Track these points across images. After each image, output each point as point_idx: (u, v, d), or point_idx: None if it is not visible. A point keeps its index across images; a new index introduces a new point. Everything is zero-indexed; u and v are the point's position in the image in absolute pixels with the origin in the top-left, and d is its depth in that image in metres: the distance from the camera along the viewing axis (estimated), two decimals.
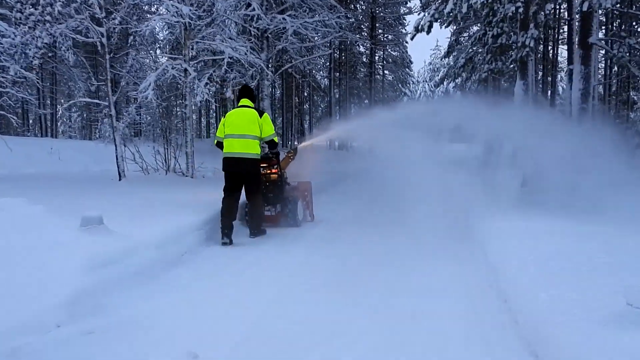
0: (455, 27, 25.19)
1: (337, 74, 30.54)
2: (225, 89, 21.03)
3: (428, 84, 62.47)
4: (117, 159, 10.99)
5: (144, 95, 10.73)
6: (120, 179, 11.00)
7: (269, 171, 7.23)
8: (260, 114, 6.36)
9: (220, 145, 6.46)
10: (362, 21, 29.74)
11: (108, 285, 4.07)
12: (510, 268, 4.06)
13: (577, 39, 9.24)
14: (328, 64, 27.73)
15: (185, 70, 12.15)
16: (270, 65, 15.33)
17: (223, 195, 6.29)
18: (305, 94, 34.77)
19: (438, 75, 51.35)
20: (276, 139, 6.68)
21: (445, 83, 46.37)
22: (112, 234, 4.74)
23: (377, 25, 31.06)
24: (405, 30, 30.99)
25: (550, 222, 5.64)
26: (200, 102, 12.75)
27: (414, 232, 6.45)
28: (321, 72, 34.90)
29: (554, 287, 3.31)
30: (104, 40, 10.65)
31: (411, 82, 45.14)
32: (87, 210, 4.90)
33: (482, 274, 4.70)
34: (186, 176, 12.61)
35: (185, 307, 3.91)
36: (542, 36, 12.86)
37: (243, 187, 6.42)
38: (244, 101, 6.49)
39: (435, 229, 6.47)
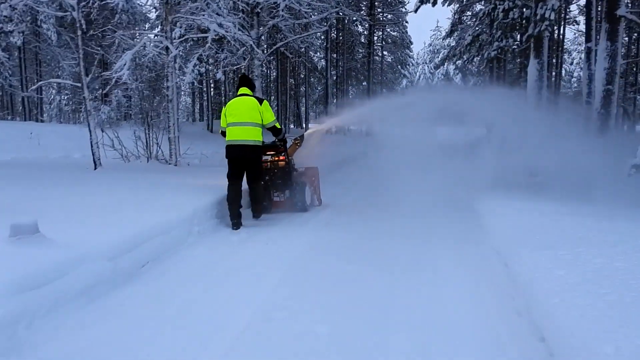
0: (458, 6, 24.09)
1: (334, 54, 29.45)
2: (216, 70, 20.04)
3: (428, 66, 61.25)
4: (91, 145, 10.04)
5: (119, 76, 9.75)
6: (95, 168, 10.08)
7: (276, 158, 7.40)
8: (260, 101, 6.40)
9: (224, 134, 6.47)
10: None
11: (34, 313, 3.19)
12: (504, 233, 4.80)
13: (600, 12, 8.31)
14: (324, 44, 26.59)
15: (167, 48, 11.14)
16: (262, 44, 14.31)
17: (227, 182, 6.34)
18: (302, 76, 33.67)
19: (438, 57, 50.05)
20: (278, 125, 6.68)
21: (445, 64, 45.33)
22: (49, 244, 3.83)
23: (376, 3, 29.86)
24: (406, 9, 29.82)
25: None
26: (193, 84, 11.82)
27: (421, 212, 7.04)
28: (318, 53, 33.79)
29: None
30: (75, 14, 9.63)
31: (411, 64, 43.96)
32: (30, 211, 4.00)
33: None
34: (169, 164, 11.69)
35: (136, 337, 3.06)
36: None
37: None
38: (243, 89, 6.50)
39: (438, 207, 7.23)
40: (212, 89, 29.38)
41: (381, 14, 31.53)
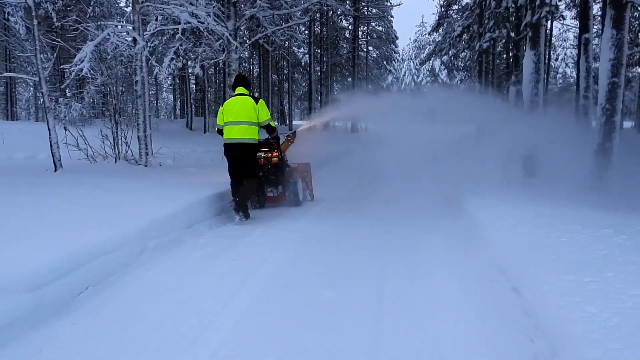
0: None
1: (318, 49, 28.65)
2: (194, 65, 19.20)
3: (413, 62, 60.72)
4: (51, 145, 9.16)
5: (79, 69, 8.88)
6: (55, 170, 9.20)
7: (269, 155, 7.58)
8: (256, 100, 6.61)
9: (220, 132, 6.74)
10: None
11: None
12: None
13: None
14: (308, 38, 25.80)
15: (135, 39, 10.29)
16: (239, 36, 13.50)
17: (230, 180, 6.71)
18: (286, 72, 32.82)
19: (424, 53, 49.53)
20: (272, 124, 6.89)
21: (431, 60, 44.83)
22: None
23: (362, 2, 29.11)
24: (391, 2, 29.06)
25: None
26: (174, 79, 10.98)
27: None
28: (302, 49, 32.98)
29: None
30: (30, 1, 8.74)
31: (396, 60, 43.32)
32: None
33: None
34: (139, 164, 10.84)
35: None
36: None
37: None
38: (240, 89, 6.71)
39: (426, 204, 7.62)
40: (193, 85, 28.47)
41: (366, 8, 30.79)
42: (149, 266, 4.44)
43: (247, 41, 13.69)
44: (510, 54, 13.61)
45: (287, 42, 26.72)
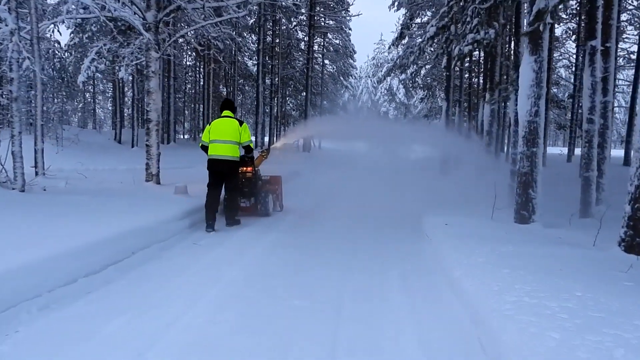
0: (406, 11, 21.72)
1: (269, 60, 26.36)
2: (118, 68, 16.52)
3: (371, 80, 59.45)
4: None
5: None
6: None
7: (244, 169, 8.34)
8: (240, 123, 7.36)
9: (204, 148, 7.41)
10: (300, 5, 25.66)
11: None
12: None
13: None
14: (257, 46, 23.50)
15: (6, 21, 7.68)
16: (162, 31, 11.03)
17: (207, 190, 7.26)
18: (235, 83, 30.31)
19: (381, 71, 48.00)
20: (252, 145, 7.67)
21: (389, 78, 43.30)
22: None
23: (316, 8, 27.07)
24: (349, 13, 27.17)
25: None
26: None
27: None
28: (253, 59, 30.64)
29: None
30: None
31: (354, 76, 41.58)
32: None
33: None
34: (13, 189, 8.14)
35: None
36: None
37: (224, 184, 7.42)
38: (227, 112, 7.42)
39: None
40: (124, 92, 25.64)
41: (323, 18, 28.76)
42: None
43: (169, 38, 11.20)
44: (488, 64, 11.83)
45: (234, 50, 24.34)
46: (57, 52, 21.34)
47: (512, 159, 8.55)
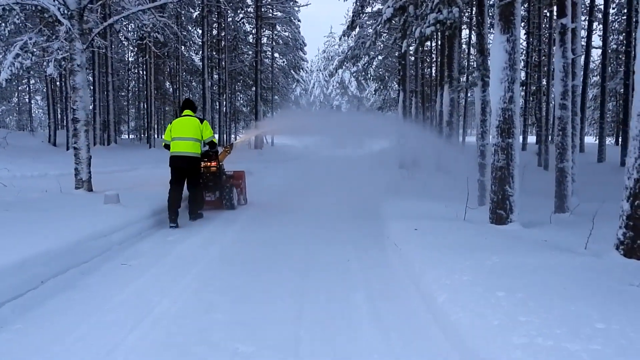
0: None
1: (216, 53, 25.09)
2: (46, 63, 15.30)
3: (322, 73, 58.70)
4: None
5: None
6: None
7: (209, 164, 8.61)
8: (201, 120, 7.77)
9: (167, 147, 7.65)
10: None
11: None
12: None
13: None
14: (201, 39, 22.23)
15: None
16: (88, 20, 9.83)
17: (169, 187, 7.36)
18: (180, 80, 28.83)
19: (332, 64, 47.36)
20: (215, 140, 8.02)
21: (340, 71, 42.70)
22: None
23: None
24: (297, 2, 26.18)
25: None
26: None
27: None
28: (199, 55, 29.24)
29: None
30: None
31: (305, 69, 40.66)
32: None
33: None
34: None
35: None
36: None
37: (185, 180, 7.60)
38: (187, 112, 7.78)
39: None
40: (61, 89, 23.90)
41: (270, 10, 27.64)
42: None
43: (98, 26, 10.00)
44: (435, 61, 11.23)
45: (179, 44, 22.97)
46: None
47: (480, 152, 7.88)
